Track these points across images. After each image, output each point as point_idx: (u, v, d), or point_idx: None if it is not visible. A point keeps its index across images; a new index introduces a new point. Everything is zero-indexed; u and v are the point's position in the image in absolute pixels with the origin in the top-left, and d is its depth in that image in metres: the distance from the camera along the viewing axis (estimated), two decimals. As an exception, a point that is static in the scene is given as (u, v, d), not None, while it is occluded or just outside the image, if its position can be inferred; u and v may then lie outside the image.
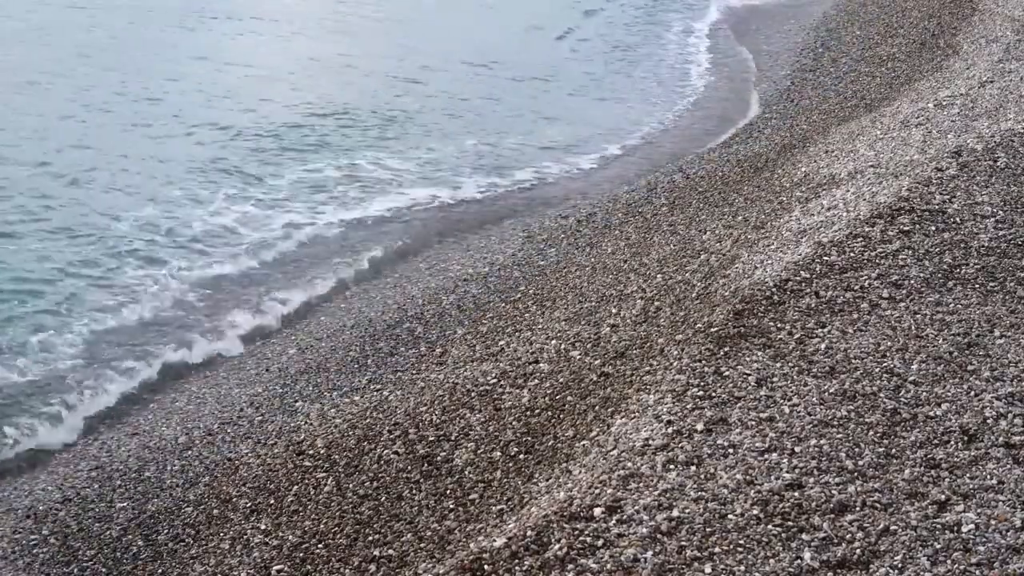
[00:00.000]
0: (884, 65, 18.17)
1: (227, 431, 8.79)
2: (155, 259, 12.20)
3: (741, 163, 13.95)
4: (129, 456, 8.69)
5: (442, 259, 12.76)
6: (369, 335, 10.49)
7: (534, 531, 5.40)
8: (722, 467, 5.78)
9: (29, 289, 11.21)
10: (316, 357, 10.16)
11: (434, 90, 19.27)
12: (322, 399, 9.11)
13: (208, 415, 9.23)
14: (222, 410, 9.31)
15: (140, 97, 17.64)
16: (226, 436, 8.71)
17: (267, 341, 10.89)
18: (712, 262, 9.58)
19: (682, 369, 6.92)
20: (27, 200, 13.35)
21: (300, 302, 11.66)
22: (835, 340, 7.12)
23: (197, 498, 7.90)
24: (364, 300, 11.64)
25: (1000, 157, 10.40)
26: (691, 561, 5.09)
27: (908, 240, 8.61)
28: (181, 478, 8.20)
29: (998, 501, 5.51)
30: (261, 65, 20.23)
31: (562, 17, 25.18)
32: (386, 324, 10.68)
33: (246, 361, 10.46)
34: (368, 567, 6.47)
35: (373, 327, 10.68)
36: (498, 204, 14.82)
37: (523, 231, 13.38)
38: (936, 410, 6.33)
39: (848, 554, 5.15)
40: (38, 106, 16.74)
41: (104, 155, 15.04)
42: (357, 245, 13.16)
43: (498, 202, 14.90)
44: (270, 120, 17.05)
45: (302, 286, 12.02)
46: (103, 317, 10.84)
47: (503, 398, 8.02)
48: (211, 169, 14.97)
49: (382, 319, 10.86)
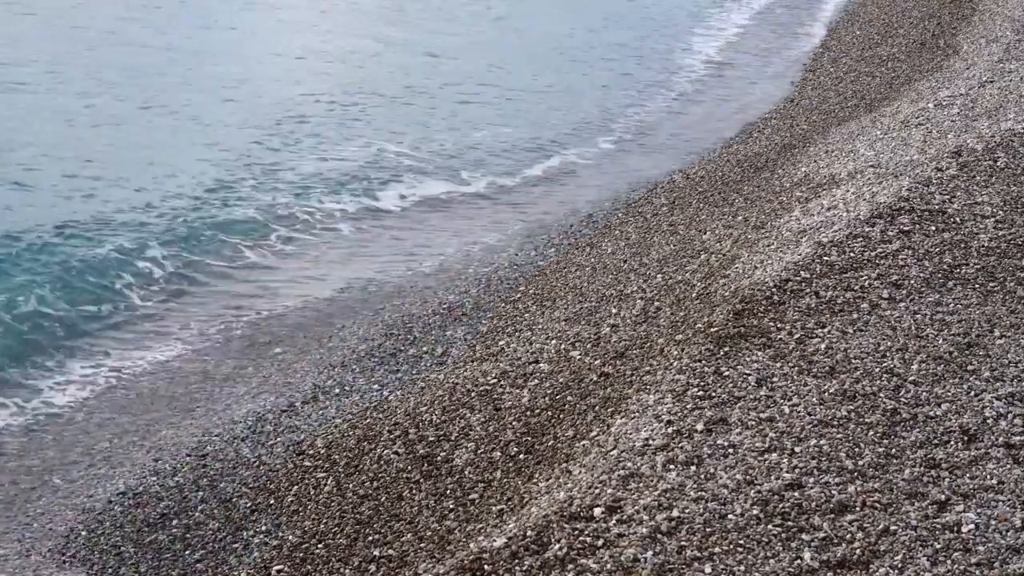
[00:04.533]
0: (884, 65, 18.17)
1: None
2: (147, 255, 12.24)
3: (741, 163, 13.95)
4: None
5: (443, 259, 12.76)
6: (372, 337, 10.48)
7: (534, 531, 5.41)
8: (722, 467, 5.78)
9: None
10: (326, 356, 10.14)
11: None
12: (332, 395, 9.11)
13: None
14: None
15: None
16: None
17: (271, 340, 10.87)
18: (712, 262, 9.58)
19: (682, 369, 6.92)
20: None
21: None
22: (835, 340, 7.12)
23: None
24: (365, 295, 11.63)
25: (1000, 157, 10.40)
26: (691, 561, 5.10)
27: (908, 240, 8.61)
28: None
29: (998, 501, 5.51)
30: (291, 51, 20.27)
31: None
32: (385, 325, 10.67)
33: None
34: (368, 567, 6.48)
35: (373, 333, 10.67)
36: (502, 199, 14.80)
37: (523, 231, 13.38)
38: (936, 410, 6.34)
39: (848, 554, 5.15)
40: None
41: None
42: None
43: (502, 197, 14.89)
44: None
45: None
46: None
47: (503, 398, 8.02)
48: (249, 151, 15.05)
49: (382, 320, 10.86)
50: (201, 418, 9.07)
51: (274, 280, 12.09)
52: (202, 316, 11.08)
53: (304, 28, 22.09)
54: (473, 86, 18.98)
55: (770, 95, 18.82)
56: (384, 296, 11.58)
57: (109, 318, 10.76)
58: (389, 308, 11.11)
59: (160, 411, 9.27)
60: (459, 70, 19.89)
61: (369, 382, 9.20)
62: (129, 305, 11.04)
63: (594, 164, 16.46)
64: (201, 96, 17.20)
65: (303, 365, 10.00)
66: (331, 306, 11.51)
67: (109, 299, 11.08)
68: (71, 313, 10.66)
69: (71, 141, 14.87)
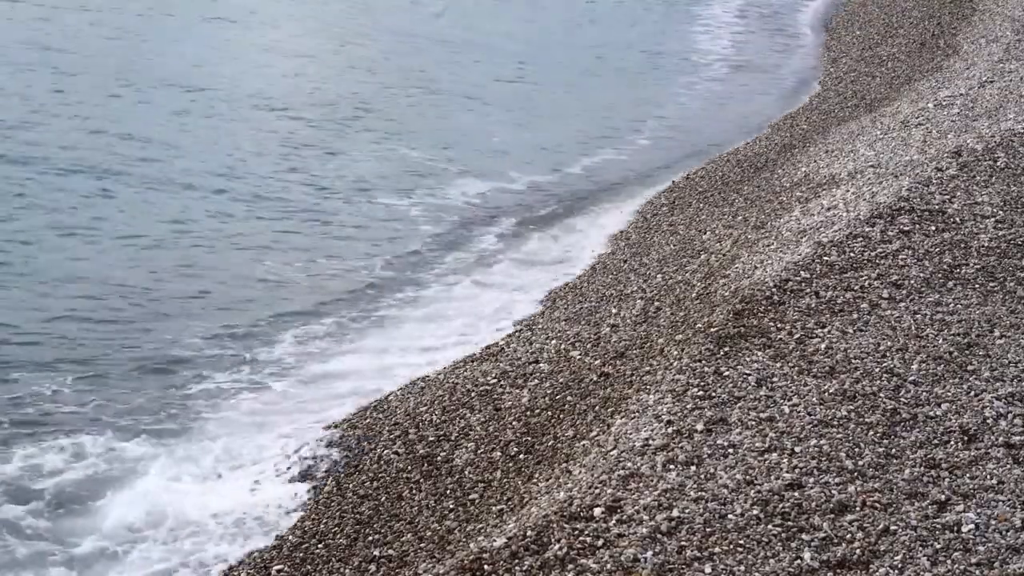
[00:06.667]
0: (884, 65, 18.17)
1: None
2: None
3: (741, 163, 13.95)
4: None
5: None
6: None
7: (534, 531, 5.41)
8: (722, 467, 5.78)
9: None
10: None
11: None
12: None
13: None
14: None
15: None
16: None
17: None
18: (712, 262, 9.58)
19: (682, 369, 6.92)
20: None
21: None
22: (835, 340, 7.12)
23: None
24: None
25: (1000, 157, 10.40)
26: (691, 561, 5.10)
27: (908, 240, 8.61)
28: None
29: (998, 501, 5.51)
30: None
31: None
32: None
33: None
34: (368, 567, 6.47)
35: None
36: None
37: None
38: (936, 410, 6.34)
39: (848, 554, 5.15)
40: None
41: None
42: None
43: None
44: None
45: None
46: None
47: (503, 398, 8.02)
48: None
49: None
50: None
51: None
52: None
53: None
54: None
55: (770, 95, 18.80)
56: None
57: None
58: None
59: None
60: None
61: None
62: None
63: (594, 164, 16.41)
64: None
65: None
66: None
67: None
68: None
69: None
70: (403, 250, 11.95)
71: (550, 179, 14.49)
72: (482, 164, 14.73)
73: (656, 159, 15.49)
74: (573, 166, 15.05)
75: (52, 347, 9.38)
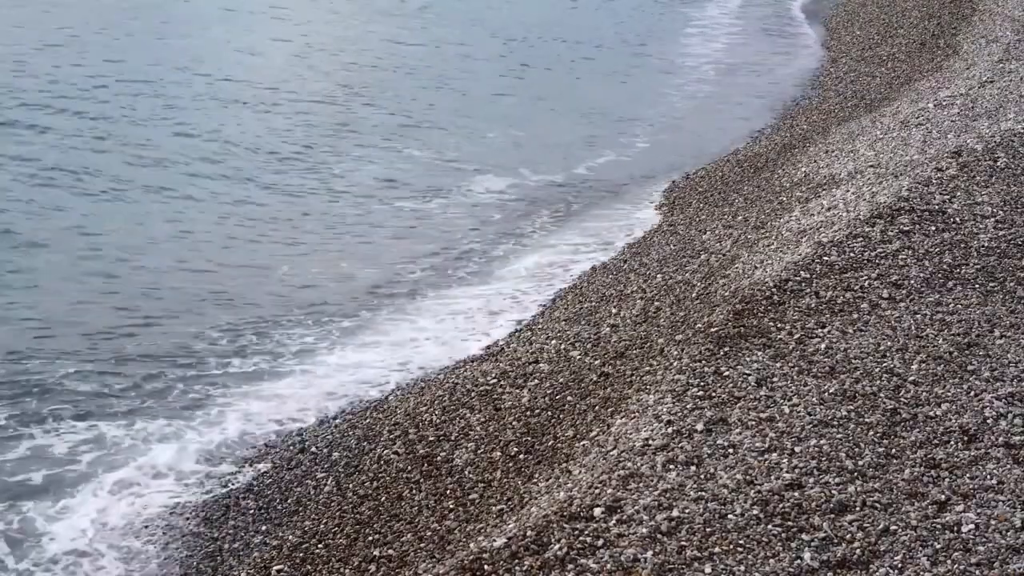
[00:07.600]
0: (884, 65, 18.17)
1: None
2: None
3: (741, 163, 13.95)
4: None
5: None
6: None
7: (534, 531, 5.41)
8: (722, 467, 5.79)
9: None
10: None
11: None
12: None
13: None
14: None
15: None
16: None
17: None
18: (712, 262, 9.58)
19: (682, 369, 6.92)
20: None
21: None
22: (835, 340, 7.12)
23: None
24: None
25: (1000, 157, 10.41)
26: (691, 561, 5.10)
27: (908, 240, 8.62)
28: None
29: (998, 501, 5.51)
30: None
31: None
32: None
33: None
34: (368, 567, 6.47)
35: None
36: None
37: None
38: (936, 410, 6.34)
39: (848, 554, 5.15)
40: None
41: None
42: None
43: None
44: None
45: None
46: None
47: (503, 398, 8.02)
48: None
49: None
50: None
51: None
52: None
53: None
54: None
55: (770, 94, 18.80)
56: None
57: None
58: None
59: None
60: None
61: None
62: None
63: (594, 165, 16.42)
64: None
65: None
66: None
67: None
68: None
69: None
70: (403, 250, 11.98)
71: (551, 179, 14.49)
72: (482, 164, 14.74)
73: (656, 159, 15.50)
74: (578, 166, 15.09)
75: (67, 337, 9.64)
